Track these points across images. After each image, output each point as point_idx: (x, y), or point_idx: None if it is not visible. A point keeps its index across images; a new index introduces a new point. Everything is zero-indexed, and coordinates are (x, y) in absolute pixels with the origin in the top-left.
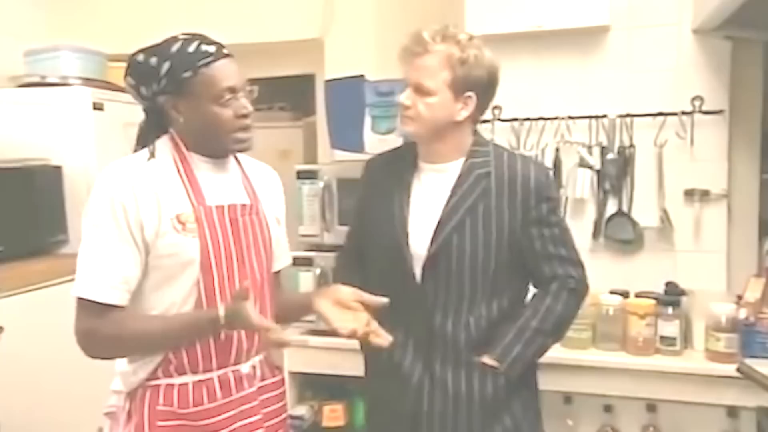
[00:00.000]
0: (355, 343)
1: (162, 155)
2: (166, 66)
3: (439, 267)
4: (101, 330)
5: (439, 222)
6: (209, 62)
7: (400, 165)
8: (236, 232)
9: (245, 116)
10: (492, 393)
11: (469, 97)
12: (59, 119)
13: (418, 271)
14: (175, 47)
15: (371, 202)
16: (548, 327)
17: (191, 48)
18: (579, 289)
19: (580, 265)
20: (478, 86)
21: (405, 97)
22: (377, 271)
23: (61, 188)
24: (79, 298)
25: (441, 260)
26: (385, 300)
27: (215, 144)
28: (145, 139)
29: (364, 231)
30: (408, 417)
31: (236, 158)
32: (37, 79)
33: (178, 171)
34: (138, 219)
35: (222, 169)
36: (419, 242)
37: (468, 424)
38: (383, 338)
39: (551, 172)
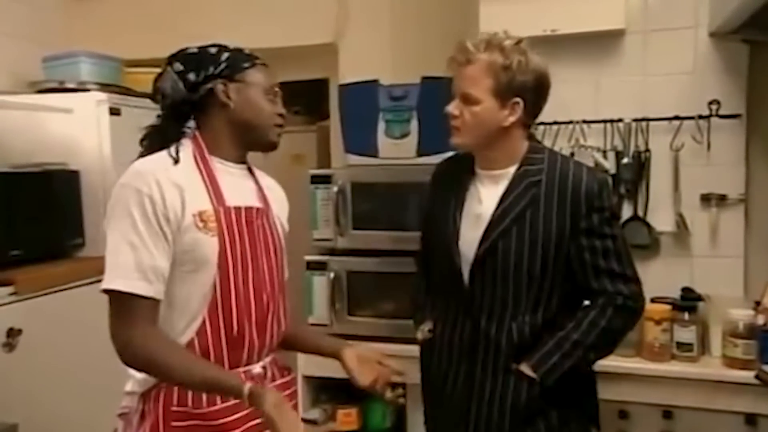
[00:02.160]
0: None
1: (184, 155)
2: (226, 55)
3: (485, 270)
4: (135, 341)
5: (488, 227)
6: (262, 63)
7: (460, 171)
8: (251, 234)
9: (282, 116)
10: (526, 401)
11: (516, 102)
12: (77, 124)
13: (466, 274)
14: (231, 45)
15: (433, 206)
16: (590, 341)
17: (246, 50)
18: (629, 306)
19: (633, 281)
20: (525, 91)
21: (453, 107)
22: (436, 273)
23: (79, 192)
24: (111, 293)
25: (487, 264)
26: (400, 369)
27: (259, 130)
28: (157, 141)
29: (427, 235)
30: (453, 419)
31: (249, 167)
32: (55, 85)
33: (200, 171)
34: (164, 212)
35: (237, 174)
36: (468, 245)
37: (500, 427)
38: (399, 396)
39: (609, 180)
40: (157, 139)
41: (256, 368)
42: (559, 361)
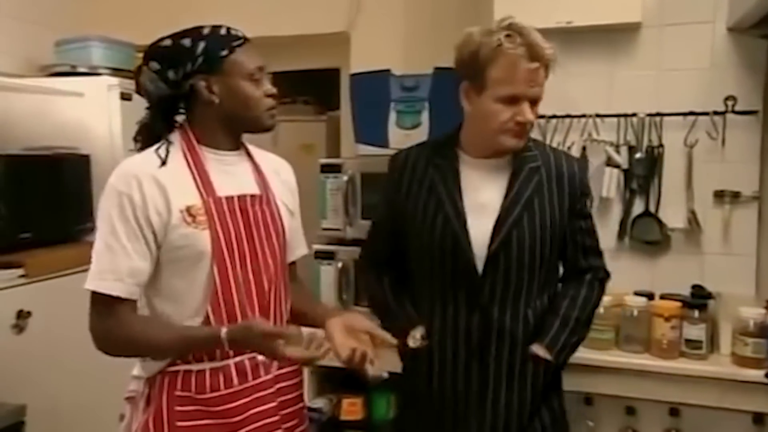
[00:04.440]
0: None
1: (172, 150)
2: (201, 45)
3: (499, 262)
4: (113, 330)
5: (499, 217)
6: (241, 44)
7: (439, 159)
8: (247, 222)
9: (273, 96)
10: (543, 384)
11: None
12: (88, 108)
13: (479, 266)
14: (206, 30)
15: (411, 199)
16: (585, 316)
17: (222, 31)
18: (605, 279)
19: (602, 255)
20: None
21: (530, 115)
22: (426, 270)
23: (89, 176)
24: (91, 292)
25: (501, 255)
26: (393, 341)
27: (251, 120)
28: (150, 135)
29: (404, 230)
30: (461, 416)
31: (247, 150)
32: (67, 69)
33: (188, 164)
34: (145, 212)
35: (231, 162)
36: (478, 237)
37: (520, 415)
38: (377, 369)
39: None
40: (148, 135)
41: (261, 355)
42: (567, 339)
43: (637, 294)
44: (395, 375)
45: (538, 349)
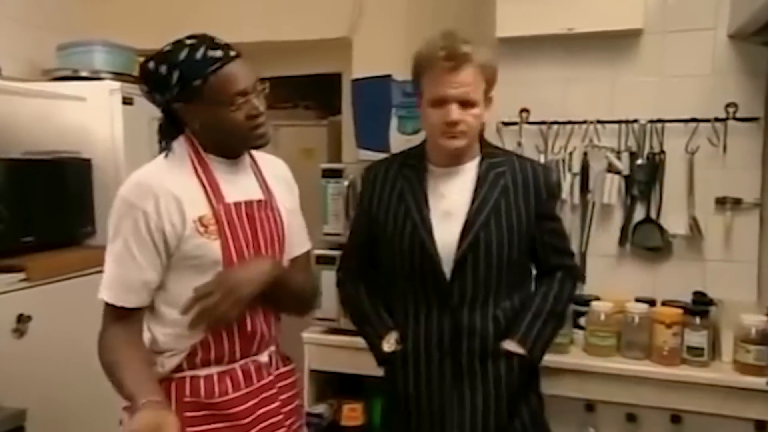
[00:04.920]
0: None
1: (180, 156)
2: (176, 75)
3: (467, 265)
4: (102, 340)
5: (466, 222)
6: (217, 68)
7: (407, 170)
8: (254, 228)
9: (257, 116)
10: (518, 379)
11: (491, 97)
12: (90, 112)
13: (447, 271)
14: (182, 54)
15: (382, 209)
16: (558, 310)
17: (198, 55)
18: (578, 276)
19: (573, 254)
20: (493, 85)
21: (457, 115)
22: (399, 276)
23: (91, 181)
24: (104, 302)
25: (469, 258)
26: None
27: (232, 146)
28: (165, 135)
29: (378, 240)
30: (437, 415)
31: (250, 154)
32: (69, 73)
33: (196, 172)
34: (159, 225)
35: (237, 167)
36: (446, 242)
37: (497, 414)
38: None
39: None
40: (167, 134)
41: (263, 357)
42: (540, 332)
43: (638, 300)
44: (378, 379)
45: (509, 345)
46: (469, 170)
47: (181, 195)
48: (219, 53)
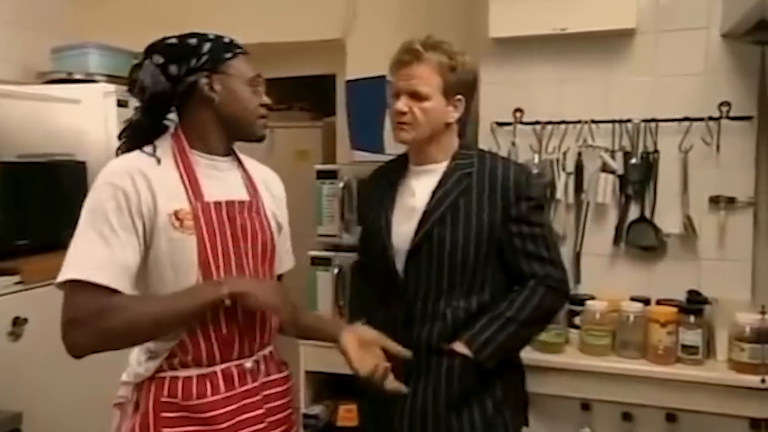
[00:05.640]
0: None
1: (162, 153)
2: (207, 45)
3: (420, 259)
4: (110, 322)
5: (423, 216)
6: (242, 52)
7: (391, 173)
8: (234, 229)
9: (267, 107)
10: (459, 380)
11: (459, 99)
12: (84, 115)
13: (400, 266)
14: (211, 35)
15: (368, 212)
16: (522, 316)
17: (226, 39)
18: (559, 288)
19: (561, 267)
20: (466, 89)
21: (402, 104)
22: (373, 272)
23: (85, 183)
24: (74, 283)
25: (423, 253)
26: (408, 353)
27: (244, 125)
28: (137, 135)
29: (365, 241)
30: (391, 409)
31: (238, 158)
32: (63, 76)
33: (178, 168)
34: (139, 209)
35: (221, 167)
36: (402, 237)
37: (434, 412)
38: (398, 384)
39: (534, 174)
40: (137, 135)
41: (248, 362)
42: (491, 336)
43: (633, 299)
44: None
45: (457, 344)
46: (441, 169)
47: (155, 183)
48: (240, 44)
